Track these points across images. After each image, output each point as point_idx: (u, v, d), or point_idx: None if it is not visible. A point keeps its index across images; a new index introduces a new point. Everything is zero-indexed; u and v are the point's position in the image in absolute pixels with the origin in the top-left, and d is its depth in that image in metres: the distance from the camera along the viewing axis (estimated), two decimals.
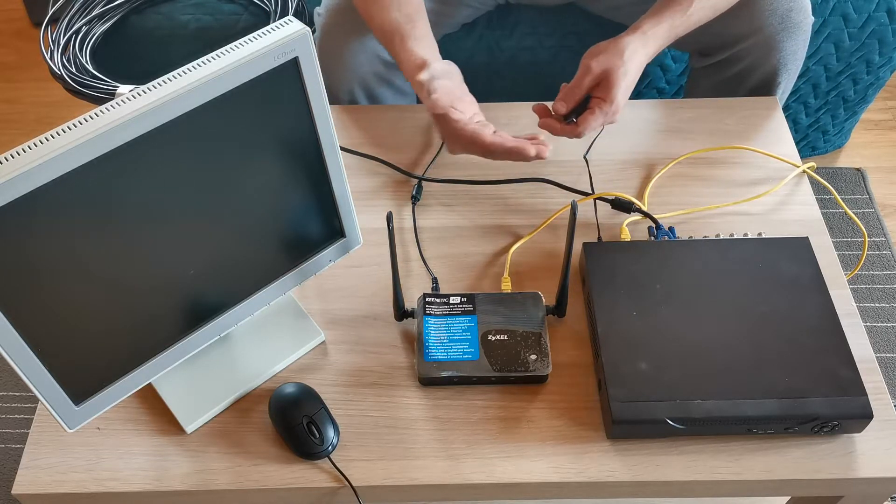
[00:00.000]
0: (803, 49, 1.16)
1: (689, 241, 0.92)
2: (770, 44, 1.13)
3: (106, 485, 0.79)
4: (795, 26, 1.12)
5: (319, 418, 0.80)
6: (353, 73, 1.16)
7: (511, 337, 0.85)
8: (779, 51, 1.14)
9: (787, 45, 1.14)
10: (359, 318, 0.91)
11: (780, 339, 0.82)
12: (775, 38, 1.13)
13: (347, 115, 1.13)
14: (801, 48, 1.16)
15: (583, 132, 0.96)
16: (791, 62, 1.16)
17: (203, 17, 1.42)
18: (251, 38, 0.67)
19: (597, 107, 0.95)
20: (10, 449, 1.39)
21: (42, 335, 0.66)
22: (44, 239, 0.62)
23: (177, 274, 0.73)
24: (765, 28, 1.12)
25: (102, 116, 0.61)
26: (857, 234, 1.62)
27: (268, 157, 0.73)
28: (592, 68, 0.95)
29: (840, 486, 0.80)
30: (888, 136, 1.85)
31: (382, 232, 0.96)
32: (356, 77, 1.17)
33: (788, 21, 1.12)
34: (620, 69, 0.94)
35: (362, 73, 1.17)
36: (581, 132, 0.96)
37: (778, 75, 1.17)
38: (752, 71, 1.17)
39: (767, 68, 1.16)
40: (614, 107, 0.95)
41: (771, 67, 1.16)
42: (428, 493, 0.80)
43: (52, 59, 1.36)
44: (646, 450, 0.80)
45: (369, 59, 1.16)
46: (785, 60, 1.15)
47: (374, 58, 1.16)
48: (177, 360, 0.79)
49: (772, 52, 1.14)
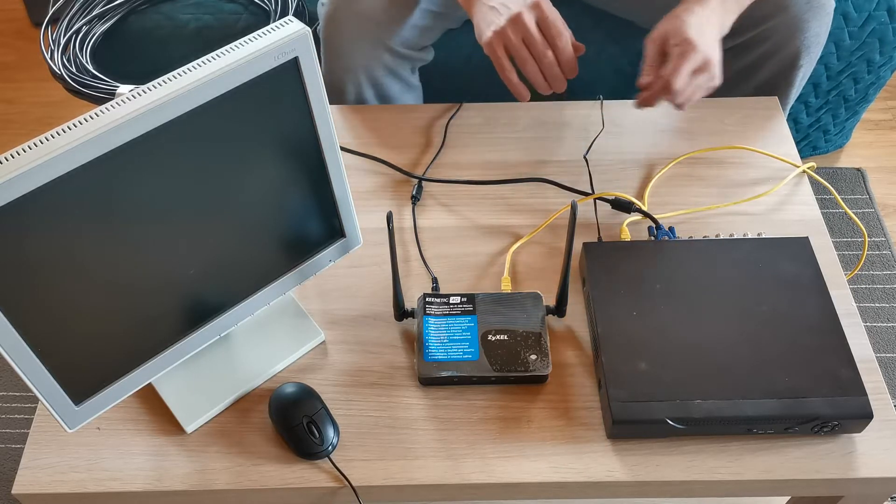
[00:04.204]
0: (826, 31, 1.16)
1: (689, 241, 0.92)
2: (796, 24, 1.13)
3: (106, 485, 0.79)
4: (821, 7, 1.12)
5: (319, 418, 0.80)
6: (358, 64, 1.16)
7: (511, 337, 0.85)
8: (804, 31, 1.13)
9: (812, 26, 1.13)
10: (359, 318, 0.91)
11: (780, 339, 0.82)
12: (801, 17, 1.12)
13: (348, 115, 1.13)
14: (824, 30, 1.16)
15: (670, 84, 0.92)
16: (814, 44, 1.16)
17: (203, 16, 1.42)
18: (251, 38, 0.67)
19: (677, 56, 0.93)
20: (10, 449, 1.39)
21: (42, 335, 0.67)
22: (44, 239, 0.62)
23: (177, 274, 0.73)
24: (791, 7, 1.12)
25: (102, 116, 0.61)
26: (857, 234, 1.62)
27: (268, 158, 0.73)
28: (652, 37, 0.96)
29: (840, 486, 0.80)
30: (888, 136, 1.85)
31: (382, 232, 0.96)
32: (362, 68, 1.16)
33: (814, 1, 1.12)
34: (678, 19, 0.94)
35: (368, 64, 1.16)
36: (669, 84, 0.92)
37: (800, 57, 1.16)
38: (776, 52, 1.17)
39: (791, 49, 1.15)
40: (694, 46, 0.92)
41: (794, 49, 1.15)
42: (428, 493, 0.80)
43: (53, 59, 1.36)
44: (646, 450, 0.80)
45: (375, 49, 1.16)
46: (808, 42, 1.15)
47: (380, 47, 1.16)
48: (177, 360, 0.79)
49: (797, 33, 1.14)
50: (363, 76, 1.17)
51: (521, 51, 0.97)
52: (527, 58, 0.97)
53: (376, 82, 1.19)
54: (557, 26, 0.97)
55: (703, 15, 0.96)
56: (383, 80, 1.19)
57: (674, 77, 0.92)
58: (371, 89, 1.19)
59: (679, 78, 0.92)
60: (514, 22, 0.96)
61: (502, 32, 0.97)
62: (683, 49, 0.93)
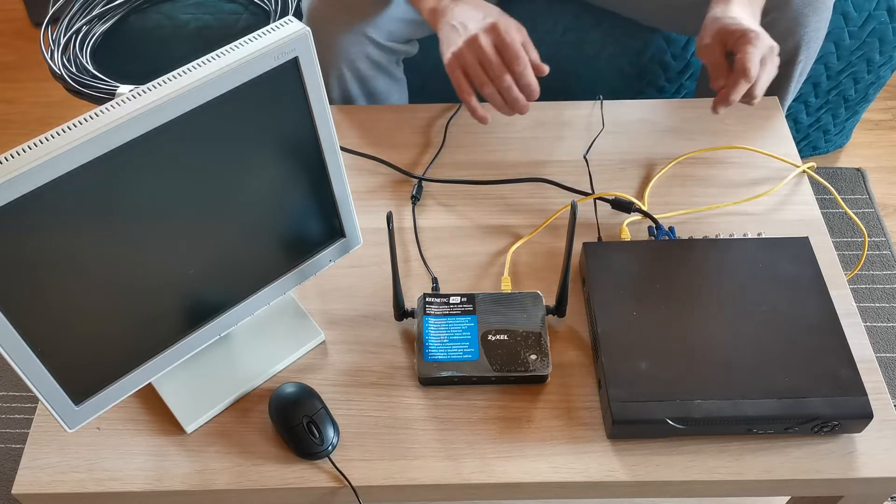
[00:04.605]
0: (825, 27, 1.16)
1: (689, 241, 0.92)
2: (796, 19, 1.13)
3: (106, 485, 0.79)
4: (821, 3, 1.12)
5: (319, 418, 0.80)
6: (342, 58, 1.16)
7: (511, 337, 0.85)
8: (804, 26, 1.13)
9: (811, 21, 1.13)
10: (359, 318, 0.91)
11: (780, 339, 0.82)
12: (801, 12, 1.12)
13: (347, 115, 1.13)
14: (823, 26, 1.16)
15: (748, 69, 0.91)
16: (814, 39, 1.16)
17: (203, 16, 1.42)
18: (251, 38, 0.67)
19: (743, 44, 0.92)
20: (10, 449, 1.39)
21: (42, 335, 0.67)
22: (44, 239, 0.62)
23: (177, 274, 0.73)
24: (791, 3, 1.12)
25: (102, 116, 0.61)
26: (857, 234, 1.62)
27: (268, 157, 0.73)
28: (706, 43, 0.96)
29: (840, 486, 0.80)
30: (888, 136, 1.85)
31: (382, 232, 0.96)
32: (346, 61, 1.16)
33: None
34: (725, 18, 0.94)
35: (352, 57, 1.16)
36: (746, 70, 0.91)
37: (799, 53, 1.16)
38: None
39: (790, 45, 1.15)
40: (756, 34, 0.92)
41: (793, 44, 1.15)
42: (428, 493, 0.80)
43: (53, 59, 1.36)
44: (646, 450, 0.80)
45: (359, 42, 1.15)
46: (808, 38, 1.15)
47: (364, 40, 1.15)
48: (177, 360, 0.79)
49: (796, 28, 1.14)
50: (347, 69, 1.17)
51: (478, 73, 0.96)
52: (484, 80, 0.96)
53: (360, 75, 1.18)
54: (514, 49, 0.94)
55: (741, 7, 0.97)
56: (368, 72, 1.19)
57: (749, 64, 0.91)
58: (356, 82, 1.19)
59: (754, 64, 0.91)
60: (470, 44, 0.95)
61: (459, 54, 0.96)
62: (749, 37, 0.92)
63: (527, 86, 0.96)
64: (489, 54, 0.94)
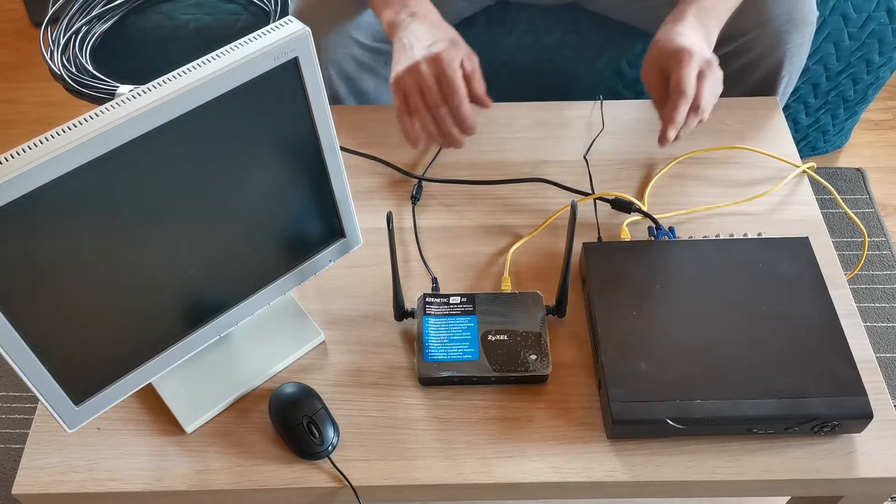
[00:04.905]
0: (808, 43, 1.16)
1: (689, 241, 0.92)
2: (777, 36, 1.13)
3: (106, 485, 0.79)
4: (802, 20, 1.12)
5: (319, 418, 0.80)
6: (328, 59, 1.16)
7: (511, 337, 0.85)
8: (785, 43, 1.13)
9: (793, 38, 1.13)
10: (359, 318, 0.91)
11: (780, 339, 0.82)
12: (782, 30, 1.12)
13: (347, 116, 1.13)
14: (806, 42, 1.16)
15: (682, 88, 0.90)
16: (796, 56, 1.16)
17: (203, 16, 1.42)
18: (251, 38, 0.67)
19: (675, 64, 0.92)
20: (10, 449, 1.39)
21: (42, 335, 0.66)
22: (44, 239, 0.62)
23: (177, 274, 0.73)
24: (772, 20, 1.12)
25: (102, 116, 0.61)
26: (857, 234, 1.63)
27: (268, 158, 0.73)
28: (644, 69, 0.96)
29: (840, 486, 0.80)
30: (888, 136, 1.85)
31: (382, 232, 0.96)
32: (332, 62, 1.16)
33: (795, 14, 1.11)
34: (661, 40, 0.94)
35: (338, 59, 1.16)
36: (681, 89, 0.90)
37: (782, 69, 1.16)
38: (757, 64, 1.17)
39: (772, 61, 1.16)
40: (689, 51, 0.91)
41: (776, 61, 1.15)
42: (428, 493, 0.80)
43: (52, 59, 1.36)
44: (646, 450, 0.80)
45: (344, 44, 1.15)
46: (790, 54, 1.15)
47: (349, 41, 1.15)
48: (177, 360, 0.79)
49: (778, 45, 1.14)
50: (333, 70, 1.17)
51: (416, 100, 0.94)
52: (419, 107, 0.94)
53: (347, 76, 1.18)
54: (453, 83, 0.91)
55: (684, 26, 0.96)
56: (355, 73, 1.18)
57: (683, 81, 0.90)
58: (343, 83, 1.18)
59: (688, 80, 0.90)
60: (411, 72, 0.93)
61: (400, 78, 0.94)
62: (680, 56, 0.91)
63: (462, 121, 0.93)
64: (428, 84, 0.92)
